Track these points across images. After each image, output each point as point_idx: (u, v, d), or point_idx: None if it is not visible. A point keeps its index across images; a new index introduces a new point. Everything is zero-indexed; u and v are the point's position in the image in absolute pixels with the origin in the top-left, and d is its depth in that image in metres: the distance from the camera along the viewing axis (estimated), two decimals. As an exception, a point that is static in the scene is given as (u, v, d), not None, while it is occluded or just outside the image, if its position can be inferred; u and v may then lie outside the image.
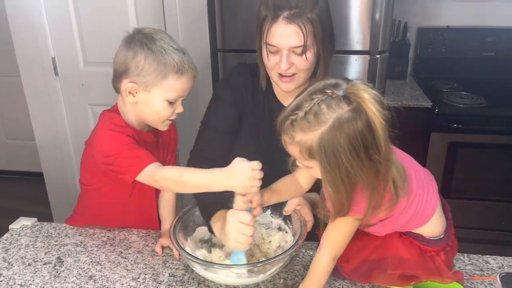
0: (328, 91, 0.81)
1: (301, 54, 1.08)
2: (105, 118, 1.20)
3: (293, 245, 1.04)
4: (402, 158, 0.91)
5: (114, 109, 1.23)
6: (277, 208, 1.21)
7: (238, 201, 0.99)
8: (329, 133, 0.79)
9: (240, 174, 0.94)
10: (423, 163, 2.33)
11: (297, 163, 0.91)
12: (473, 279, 1.05)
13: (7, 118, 3.37)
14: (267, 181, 1.20)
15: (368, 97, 0.78)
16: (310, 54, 1.10)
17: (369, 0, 1.87)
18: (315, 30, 1.07)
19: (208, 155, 1.20)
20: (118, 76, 1.16)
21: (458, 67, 2.69)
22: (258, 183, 0.95)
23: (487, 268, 1.10)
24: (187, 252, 1.04)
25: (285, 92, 1.18)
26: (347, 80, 0.84)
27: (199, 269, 1.03)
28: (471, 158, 2.30)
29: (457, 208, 2.34)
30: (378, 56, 1.96)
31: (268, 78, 1.22)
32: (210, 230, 1.10)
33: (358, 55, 1.98)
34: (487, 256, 1.14)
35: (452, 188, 2.33)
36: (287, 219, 1.19)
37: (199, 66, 2.06)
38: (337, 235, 0.94)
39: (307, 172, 0.95)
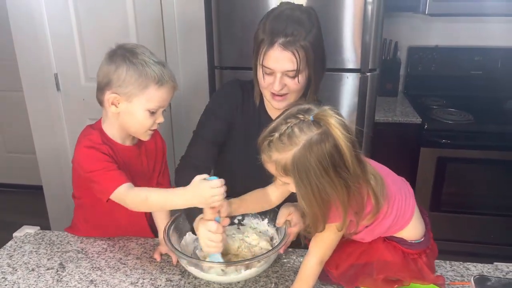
0: (300, 116, 0.91)
1: (293, 77, 1.18)
2: (83, 134, 1.24)
3: (275, 247, 1.13)
4: (378, 168, 1.00)
5: (97, 124, 1.28)
6: (273, 218, 1.27)
7: (207, 213, 1.09)
8: (300, 153, 0.88)
9: (201, 193, 1.03)
10: (413, 177, 2.42)
11: (276, 179, 0.99)
12: (454, 284, 1.11)
13: (8, 131, 3.43)
14: (257, 186, 1.29)
15: (335, 122, 0.88)
16: (301, 77, 1.19)
17: (359, 22, 1.97)
18: (307, 56, 1.16)
19: (195, 162, 1.29)
20: (101, 88, 1.20)
21: (447, 85, 2.79)
22: (220, 198, 1.03)
23: (468, 274, 1.16)
24: (177, 250, 1.12)
25: (276, 109, 1.27)
26: (319, 105, 0.94)
27: (189, 268, 1.11)
28: (460, 172, 2.37)
29: (446, 222, 2.44)
30: (368, 74, 2.05)
31: (261, 95, 1.31)
32: (194, 232, 1.18)
33: (349, 73, 2.06)
34: (468, 263, 1.21)
35: (441, 202, 2.40)
36: (278, 229, 1.26)
37: (197, 82, 2.14)
38: (323, 240, 1.02)
39: (280, 188, 1.06)
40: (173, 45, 2.19)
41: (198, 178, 1.04)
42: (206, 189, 1.02)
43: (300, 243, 1.24)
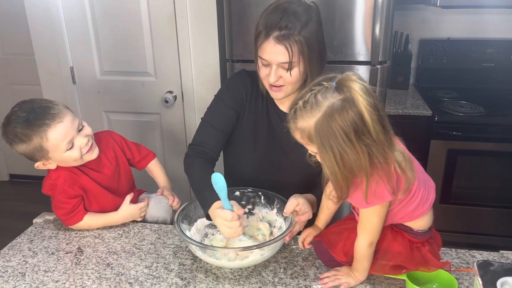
0: (325, 83, 0.93)
1: (288, 70, 1.20)
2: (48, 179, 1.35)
3: (281, 234, 1.17)
4: (406, 152, 1.01)
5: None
6: (282, 208, 1.30)
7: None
8: (323, 120, 0.90)
9: (130, 215, 1.40)
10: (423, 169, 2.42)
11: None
12: (459, 270, 1.14)
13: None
14: (266, 175, 1.32)
15: (357, 87, 0.88)
16: (296, 71, 1.20)
17: (370, 14, 1.98)
18: (301, 50, 1.17)
19: (204, 150, 1.34)
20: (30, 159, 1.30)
21: (459, 77, 2.78)
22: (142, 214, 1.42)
23: (473, 261, 1.18)
24: (188, 236, 1.17)
25: (275, 99, 1.31)
26: (344, 73, 0.94)
27: (199, 253, 1.16)
28: (470, 165, 2.37)
29: (456, 214, 2.45)
30: (378, 66, 2.06)
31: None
32: (209, 219, 1.23)
33: (360, 65, 2.09)
34: (474, 251, 1.23)
35: (451, 194, 2.41)
36: (286, 219, 1.29)
37: (208, 75, 2.18)
38: (369, 223, 1.04)
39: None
40: (186, 39, 2.23)
41: (125, 204, 1.39)
42: (135, 210, 1.40)
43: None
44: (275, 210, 1.34)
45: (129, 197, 1.41)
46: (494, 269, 0.93)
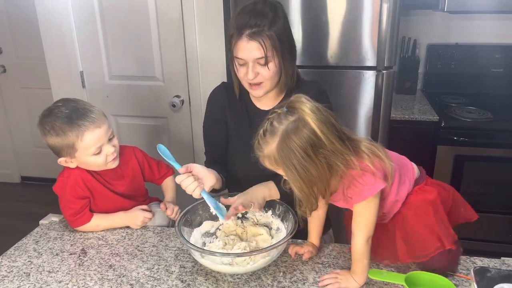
0: (277, 110, 1.01)
1: (264, 65, 1.26)
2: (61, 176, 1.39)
3: (283, 238, 1.16)
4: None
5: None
6: (275, 210, 1.33)
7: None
8: (282, 142, 0.97)
9: (135, 218, 1.40)
10: (430, 175, 2.36)
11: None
12: (459, 276, 1.13)
13: (36, 127, 3.57)
14: (258, 171, 1.36)
15: (305, 107, 0.97)
16: (272, 65, 1.27)
17: (376, 20, 1.99)
18: (273, 44, 1.25)
19: (216, 160, 1.48)
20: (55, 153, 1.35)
21: (467, 83, 2.76)
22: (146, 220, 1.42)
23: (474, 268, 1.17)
24: (189, 242, 1.17)
25: (256, 97, 1.39)
26: (293, 95, 1.03)
27: (197, 257, 1.17)
28: (477, 171, 2.36)
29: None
30: (384, 71, 2.07)
31: (240, 86, 1.40)
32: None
33: (366, 71, 2.09)
34: (475, 257, 1.23)
35: (458, 200, 2.38)
36: (284, 219, 1.30)
37: (215, 78, 2.22)
38: (365, 217, 1.07)
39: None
40: (193, 43, 2.26)
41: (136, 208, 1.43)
42: (140, 215, 1.40)
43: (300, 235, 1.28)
44: (270, 212, 1.34)
45: (139, 207, 1.45)
46: (491, 275, 0.93)
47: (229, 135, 1.47)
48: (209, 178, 1.25)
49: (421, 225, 1.12)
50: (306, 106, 0.97)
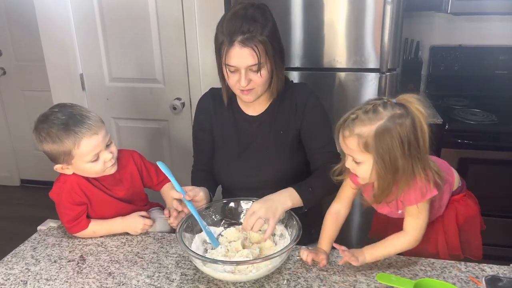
0: (384, 99, 1.06)
1: (256, 72, 1.24)
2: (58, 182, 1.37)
3: (287, 245, 1.13)
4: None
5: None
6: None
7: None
8: (384, 126, 1.01)
9: (134, 225, 1.36)
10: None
11: (347, 163, 1.11)
12: (470, 278, 1.10)
13: (36, 131, 3.55)
14: (248, 178, 1.42)
15: (416, 103, 1.02)
16: (264, 71, 1.26)
17: (379, 22, 1.97)
18: (266, 49, 1.23)
19: (203, 168, 1.53)
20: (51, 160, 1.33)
21: (471, 85, 2.73)
22: (145, 228, 1.38)
23: (483, 275, 1.14)
24: (190, 249, 1.14)
25: (246, 102, 1.37)
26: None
27: (199, 264, 1.14)
28: (482, 174, 2.32)
29: (467, 224, 2.37)
30: (387, 73, 2.04)
31: (228, 92, 1.39)
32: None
33: (369, 73, 2.07)
34: (484, 264, 1.19)
35: (462, 203, 2.35)
36: (288, 226, 1.27)
37: (216, 80, 2.20)
38: (418, 221, 1.14)
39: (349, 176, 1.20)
40: (194, 46, 2.23)
41: (134, 214, 1.39)
42: (139, 222, 1.36)
43: (312, 240, 1.25)
44: None
45: (139, 213, 1.41)
46: (503, 284, 0.91)
47: (215, 143, 1.47)
48: (203, 202, 1.33)
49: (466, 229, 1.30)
50: (420, 105, 1.02)
